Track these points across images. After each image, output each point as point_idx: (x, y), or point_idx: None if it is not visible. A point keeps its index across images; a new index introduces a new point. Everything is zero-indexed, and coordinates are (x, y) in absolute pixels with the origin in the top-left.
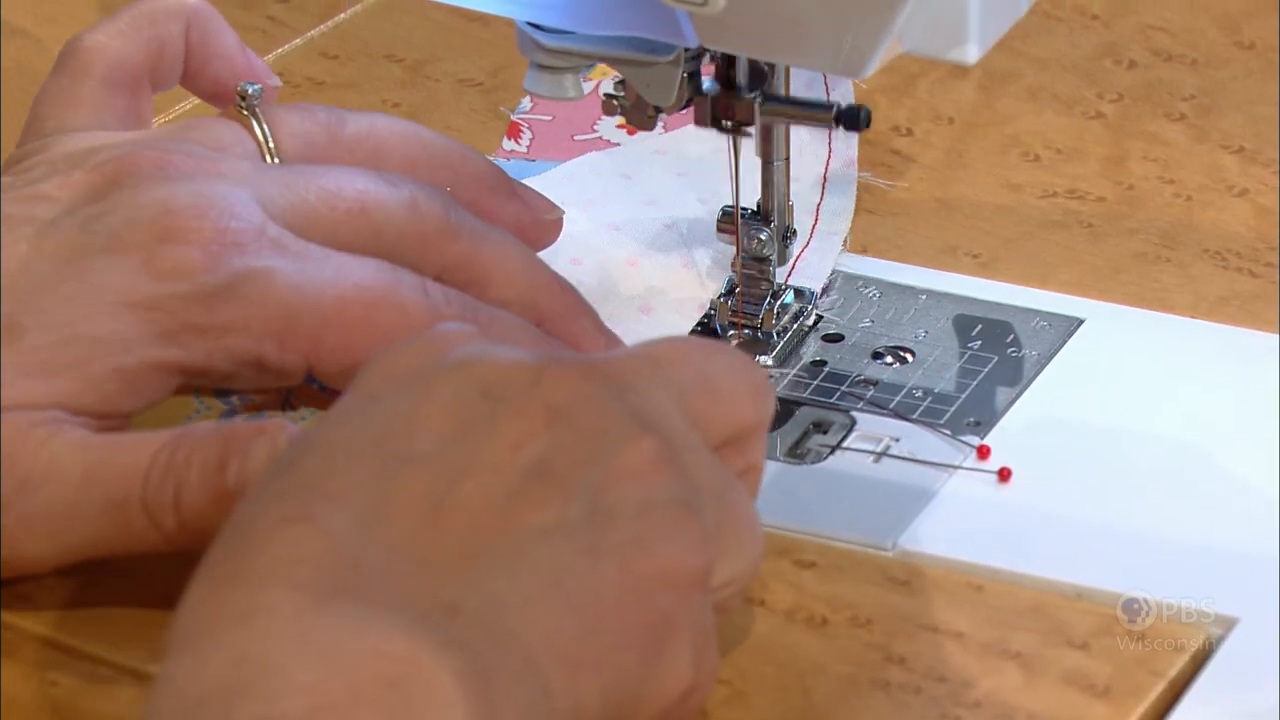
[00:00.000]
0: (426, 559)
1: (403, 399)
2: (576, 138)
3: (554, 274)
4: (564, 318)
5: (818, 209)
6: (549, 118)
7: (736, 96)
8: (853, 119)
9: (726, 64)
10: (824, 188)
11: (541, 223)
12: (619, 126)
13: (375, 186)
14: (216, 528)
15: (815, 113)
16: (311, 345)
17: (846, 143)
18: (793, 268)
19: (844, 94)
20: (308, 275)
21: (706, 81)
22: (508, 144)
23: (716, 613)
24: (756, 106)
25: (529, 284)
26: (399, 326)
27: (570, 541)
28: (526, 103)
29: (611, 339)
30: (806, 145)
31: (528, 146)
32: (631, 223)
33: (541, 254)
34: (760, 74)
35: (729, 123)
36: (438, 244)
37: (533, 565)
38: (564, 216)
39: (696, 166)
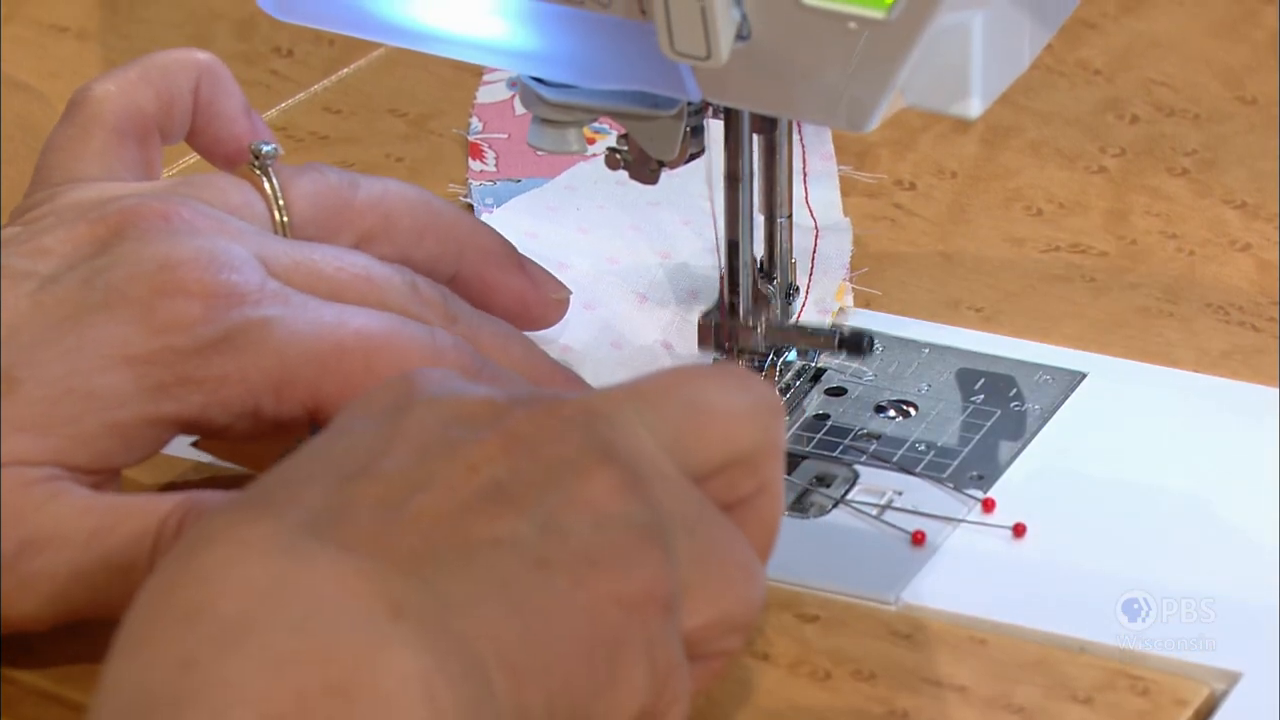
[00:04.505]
0: (375, 558)
1: (369, 431)
2: (541, 152)
3: (554, 362)
4: None
5: (814, 231)
6: (505, 135)
7: (739, 323)
8: (856, 346)
9: (730, 287)
10: (805, 181)
11: (546, 300)
12: None
13: (378, 266)
14: None
15: (818, 338)
16: (310, 395)
17: (820, 137)
18: (805, 299)
19: (822, 143)
20: (305, 324)
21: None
22: (475, 165)
23: (714, 657)
24: (759, 335)
25: (530, 374)
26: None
27: (520, 553)
28: (477, 123)
29: None
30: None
31: (495, 165)
32: (648, 223)
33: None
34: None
35: (728, 346)
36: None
37: (481, 570)
38: (601, 231)
39: (683, 170)
